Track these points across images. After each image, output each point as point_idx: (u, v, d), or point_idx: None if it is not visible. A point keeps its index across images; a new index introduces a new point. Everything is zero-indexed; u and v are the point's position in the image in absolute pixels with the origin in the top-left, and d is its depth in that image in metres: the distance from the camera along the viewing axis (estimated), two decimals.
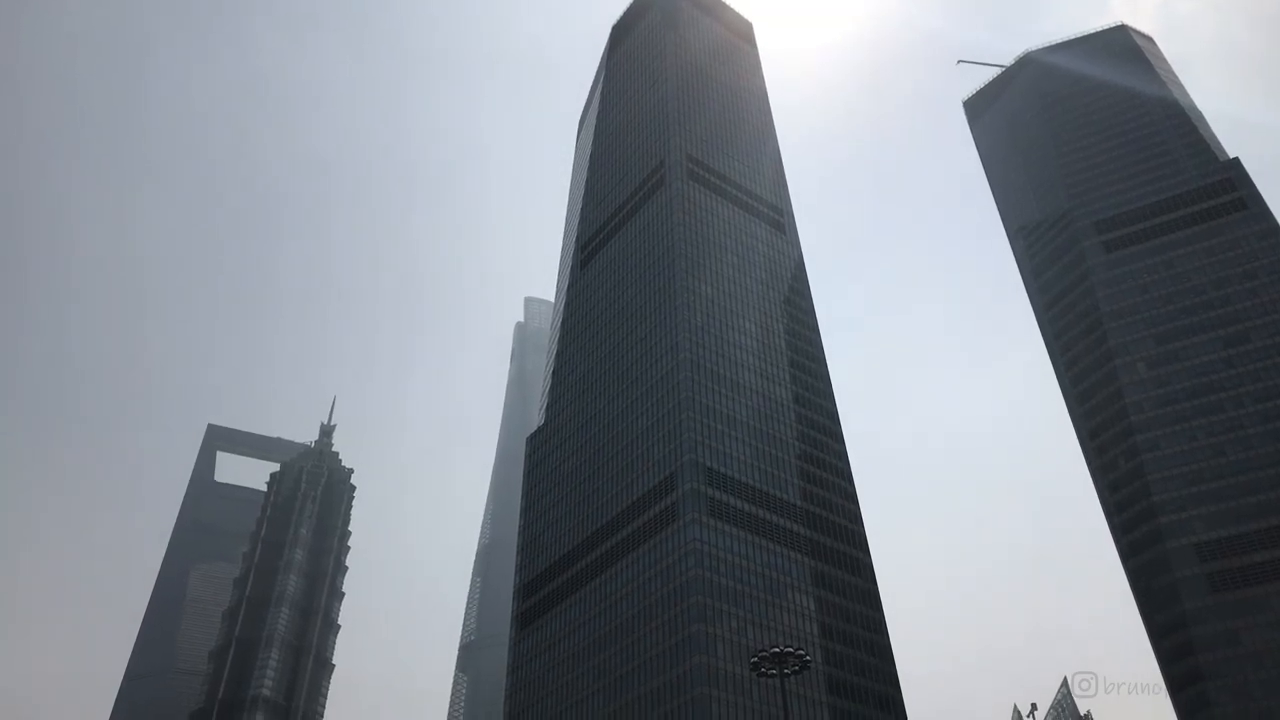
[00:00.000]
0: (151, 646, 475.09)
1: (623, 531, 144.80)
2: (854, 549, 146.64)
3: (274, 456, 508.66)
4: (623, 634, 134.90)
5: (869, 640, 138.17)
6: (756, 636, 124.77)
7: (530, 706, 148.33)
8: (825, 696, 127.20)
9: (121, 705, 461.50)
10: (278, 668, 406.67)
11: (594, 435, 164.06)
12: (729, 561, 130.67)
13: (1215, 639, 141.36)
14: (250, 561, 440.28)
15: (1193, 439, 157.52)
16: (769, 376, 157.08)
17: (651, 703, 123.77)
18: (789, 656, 57.31)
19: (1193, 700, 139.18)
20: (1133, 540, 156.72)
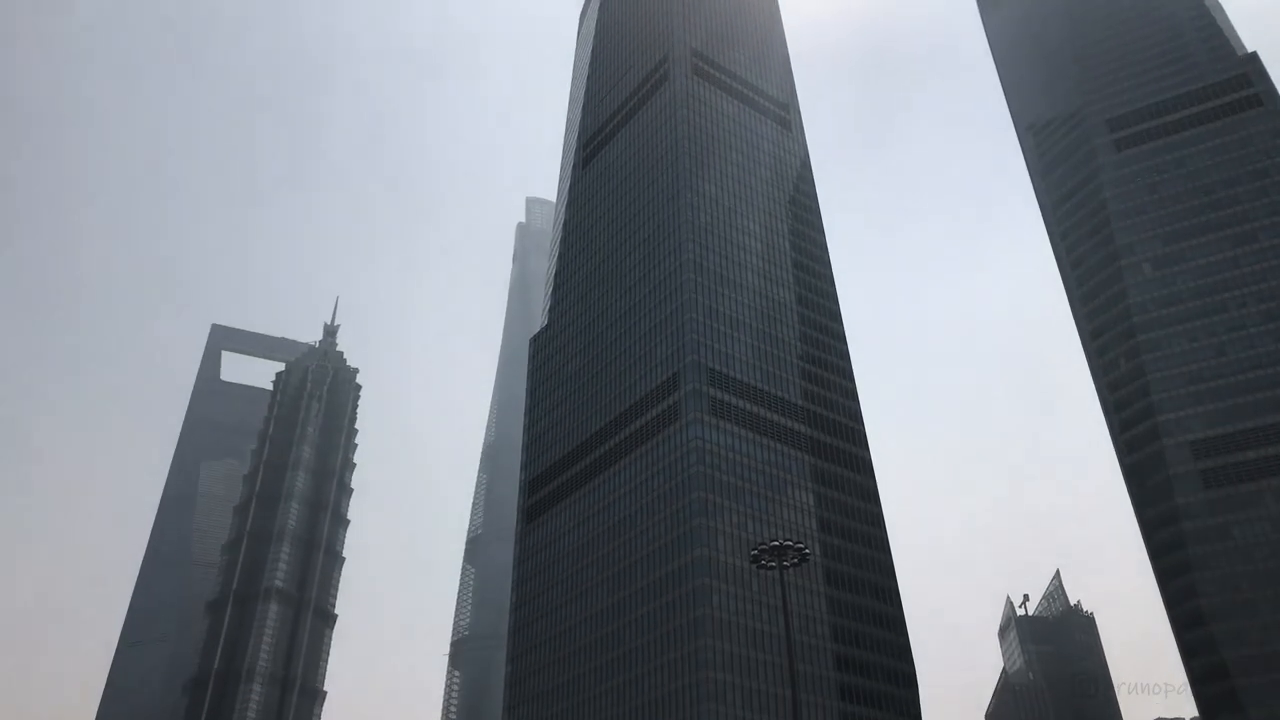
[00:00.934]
0: (166, 540, 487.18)
1: (625, 430, 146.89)
2: (854, 446, 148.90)
3: (279, 356, 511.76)
4: (625, 528, 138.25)
5: (866, 534, 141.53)
6: (756, 530, 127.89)
7: (536, 597, 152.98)
8: (823, 587, 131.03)
9: (139, 595, 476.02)
10: (289, 560, 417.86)
11: (597, 336, 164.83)
12: (730, 459, 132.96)
13: (1206, 533, 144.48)
14: (259, 459, 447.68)
15: (1194, 339, 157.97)
16: (772, 277, 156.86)
17: (654, 593, 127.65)
18: (788, 549, 58.90)
19: (1181, 591, 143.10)
20: (1130, 438, 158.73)
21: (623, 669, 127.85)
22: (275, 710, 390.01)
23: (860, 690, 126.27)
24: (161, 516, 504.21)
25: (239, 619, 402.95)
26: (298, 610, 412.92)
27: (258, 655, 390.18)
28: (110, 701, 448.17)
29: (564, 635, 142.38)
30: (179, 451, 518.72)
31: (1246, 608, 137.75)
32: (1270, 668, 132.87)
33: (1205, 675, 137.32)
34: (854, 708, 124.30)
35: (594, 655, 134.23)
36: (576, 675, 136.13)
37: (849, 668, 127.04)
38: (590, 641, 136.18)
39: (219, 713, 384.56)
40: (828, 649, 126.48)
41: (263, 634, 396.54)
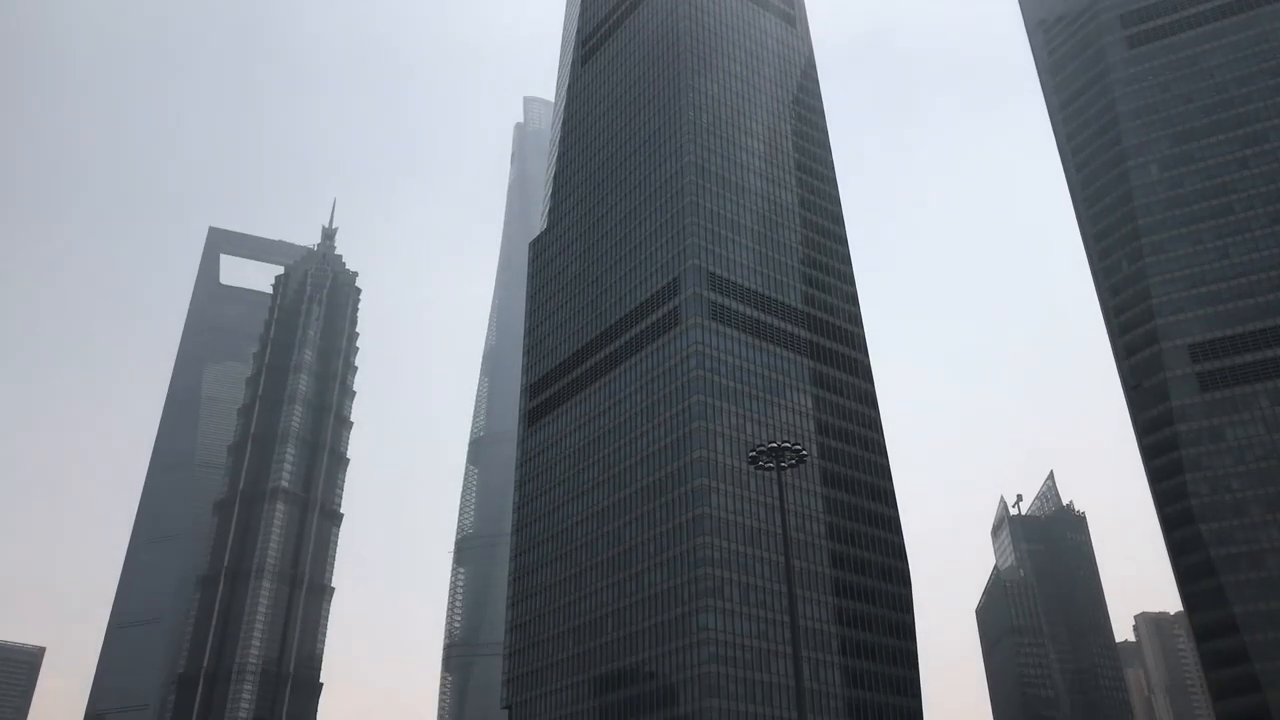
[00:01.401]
0: (172, 441, 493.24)
1: (626, 335, 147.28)
2: (853, 350, 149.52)
3: (277, 259, 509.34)
4: (626, 430, 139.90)
5: (864, 436, 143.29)
6: (754, 433, 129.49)
7: (538, 497, 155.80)
8: (819, 488, 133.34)
9: (148, 495, 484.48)
10: (294, 461, 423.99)
11: (597, 240, 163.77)
12: (729, 363, 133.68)
13: (1199, 435, 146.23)
14: (261, 362, 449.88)
15: (1199, 241, 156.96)
16: (775, 180, 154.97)
17: (653, 493, 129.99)
18: (786, 451, 59.71)
19: (1172, 492, 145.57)
20: (1129, 341, 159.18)
21: (623, 565, 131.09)
22: (285, 606, 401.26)
23: (855, 586, 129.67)
24: (166, 419, 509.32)
25: (246, 518, 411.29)
26: (304, 510, 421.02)
27: (266, 553, 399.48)
28: (124, 598, 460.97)
29: (566, 533, 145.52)
30: (181, 355, 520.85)
31: (1236, 507, 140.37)
32: (1255, 565, 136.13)
33: (1191, 573, 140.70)
34: (848, 603, 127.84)
35: (596, 552, 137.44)
36: (579, 571, 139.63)
37: (844, 565, 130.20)
38: (592, 539, 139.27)
39: (231, 608, 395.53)
40: (823, 546, 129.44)
41: (270, 533, 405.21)
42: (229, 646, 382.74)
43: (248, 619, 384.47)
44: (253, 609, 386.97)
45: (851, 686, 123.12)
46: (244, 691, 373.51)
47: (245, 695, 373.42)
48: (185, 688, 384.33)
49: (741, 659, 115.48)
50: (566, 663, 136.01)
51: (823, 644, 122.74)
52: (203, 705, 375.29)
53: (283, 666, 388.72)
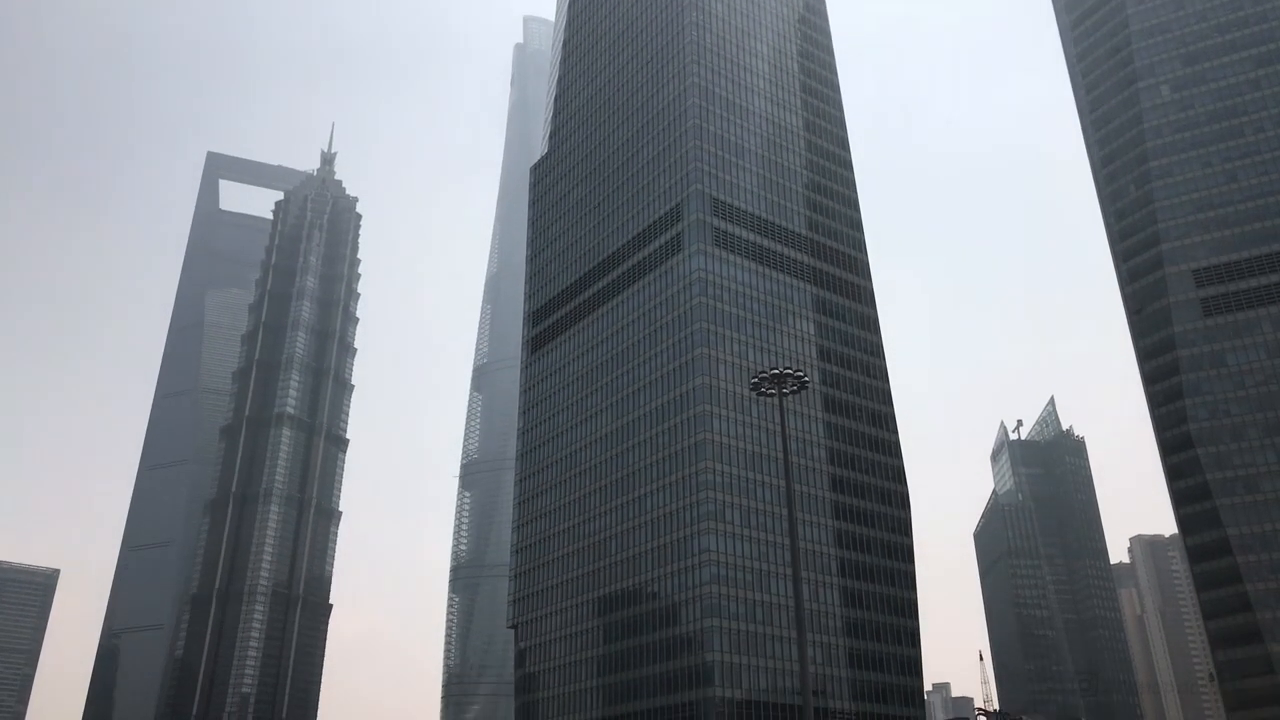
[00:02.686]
0: (177, 368, 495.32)
1: (629, 261, 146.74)
2: (856, 276, 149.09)
3: (277, 185, 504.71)
4: (629, 357, 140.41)
5: (865, 362, 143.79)
6: (757, 359, 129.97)
7: (542, 423, 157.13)
8: (821, 413, 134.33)
9: (155, 421, 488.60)
10: (299, 387, 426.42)
11: (599, 165, 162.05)
12: (732, 290, 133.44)
13: (1200, 360, 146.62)
14: (263, 288, 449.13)
15: (1207, 164, 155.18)
16: (780, 102, 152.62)
17: (656, 418, 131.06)
18: (787, 377, 60.05)
19: (1171, 416, 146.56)
20: (1133, 267, 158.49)
21: (627, 489, 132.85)
22: (293, 529, 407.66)
23: (854, 510, 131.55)
24: (170, 346, 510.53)
25: (253, 443, 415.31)
26: (310, 435, 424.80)
27: (274, 477, 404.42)
28: (136, 521, 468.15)
29: (570, 458, 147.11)
30: (183, 282, 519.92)
31: (1234, 432, 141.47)
32: (1250, 489, 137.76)
33: (1187, 496, 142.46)
34: (848, 526, 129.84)
35: (599, 476, 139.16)
36: (582, 495, 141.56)
37: (844, 489, 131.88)
38: (595, 464, 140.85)
39: (240, 531, 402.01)
40: (824, 471, 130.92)
41: (277, 457, 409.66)
42: (239, 568, 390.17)
43: (257, 542, 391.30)
44: (262, 532, 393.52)
45: (850, 607, 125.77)
46: (255, 612, 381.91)
47: (257, 616, 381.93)
48: (198, 608, 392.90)
49: (742, 580, 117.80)
50: (571, 583, 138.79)
51: (822, 566, 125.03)
52: (216, 625, 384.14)
53: (293, 588, 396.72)
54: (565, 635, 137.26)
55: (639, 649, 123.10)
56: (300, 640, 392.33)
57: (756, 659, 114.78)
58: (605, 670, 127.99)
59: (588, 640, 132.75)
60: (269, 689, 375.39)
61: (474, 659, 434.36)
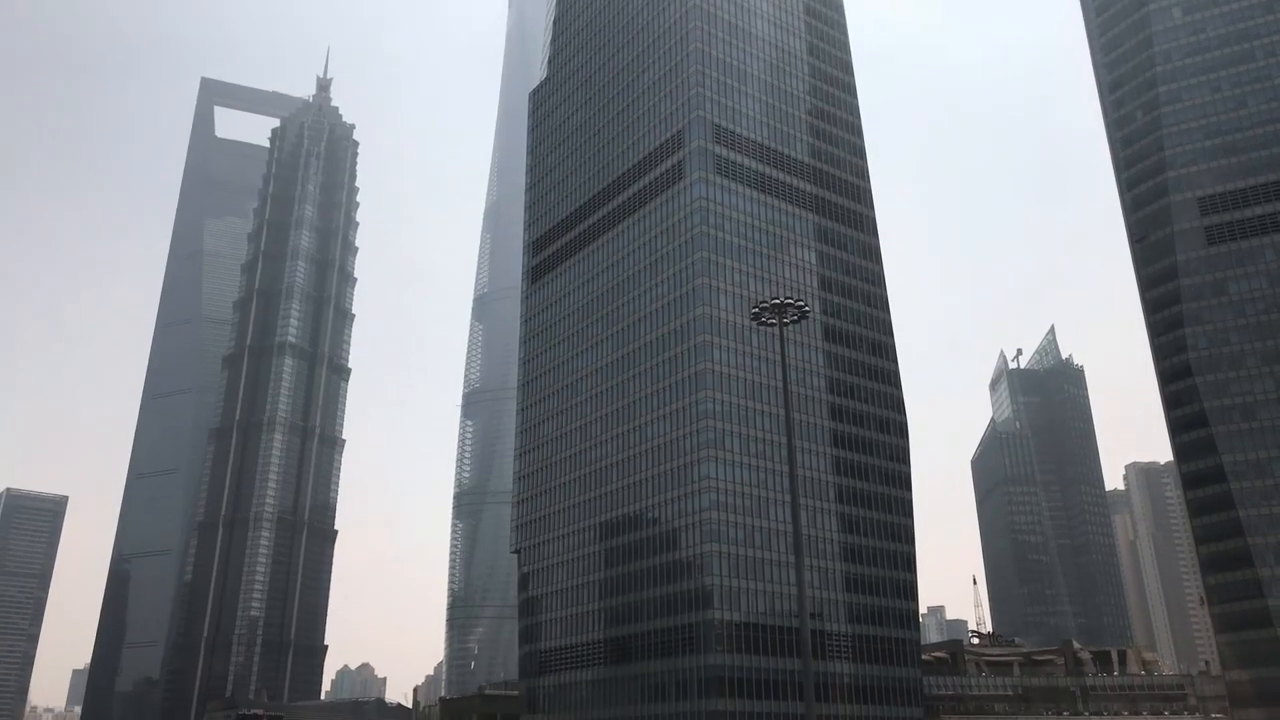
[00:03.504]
0: (177, 297, 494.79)
1: (629, 190, 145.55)
2: (859, 204, 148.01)
3: (273, 112, 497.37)
4: (630, 287, 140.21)
5: (867, 291, 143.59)
6: (758, 288, 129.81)
7: (543, 352, 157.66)
8: (821, 343, 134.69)
9: (157, 349, 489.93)
10: (300, 316, 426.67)
11: (599, 90, 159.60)
12: (734, 218, 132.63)
13: (1202, 289, 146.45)
14: (261, 217, 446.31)
15: (1216, 90, 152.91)
16: (783, 25, 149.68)
17: (657, 349, 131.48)
18: (788, 307, 60.08)
19: (1171, 345, 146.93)
20: (1137, 195, 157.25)
21: (628, 418, 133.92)
22: (297, 457, 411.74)
23: (853, 438, 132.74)
24: (170, 275, 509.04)
25: (255, 372, 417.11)
26: (312, 364, 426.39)
27: (276, 406, 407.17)
28: (141, 449, 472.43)
29: (571, 387, 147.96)
30: (180, 211, 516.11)
31: (1233, 360, 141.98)
32: (1247, 416, 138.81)
33: (1184, 423, 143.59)
34: (846, 454, 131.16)
35: (600, 405, 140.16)
36: (584, 424, 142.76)
37: (843, 417, 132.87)
38: (597, 393, 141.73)
39: (245, 459, 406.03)
40: (823, 400, 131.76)
41: (280, 386, 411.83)
42: (245, 495, 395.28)
43: (261, 469, 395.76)
44: (266, 460, 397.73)
45: (847, 532, 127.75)
46: (262, 538, 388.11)
47: (263, 541, 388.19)
48: (205, 534, 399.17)
49: (741, 506, 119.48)
50: (573, 509, 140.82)
51: (820, 492, 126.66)
52: (223, 550, 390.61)
53: (298, 514, 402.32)
54: (567, 560, 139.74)
55: (640, 573, 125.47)
56: (306, 565, 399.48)
57: (755, 583, 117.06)
58: (606, 594, 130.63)
59: (589, 564, 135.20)
60: (277, 612, 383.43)
61: (478, 583, 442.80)
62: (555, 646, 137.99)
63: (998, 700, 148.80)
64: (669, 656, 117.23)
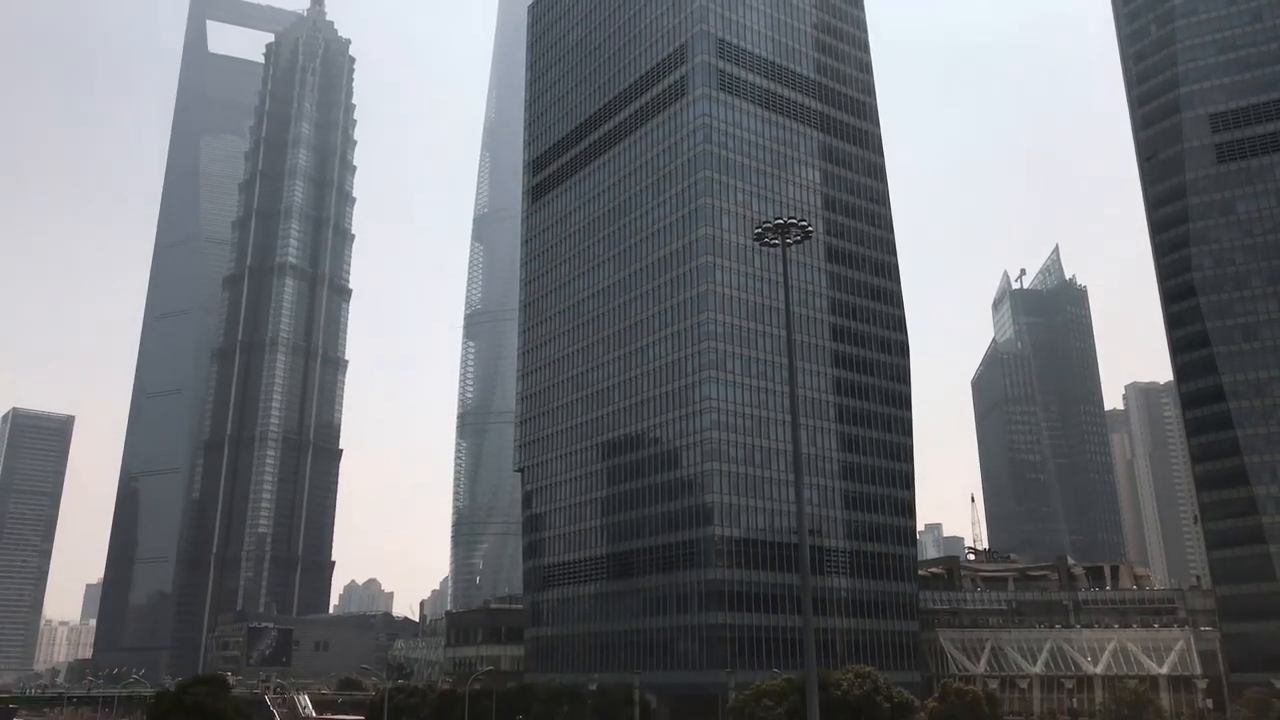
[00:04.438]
0: (175, 217, 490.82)
1: (631, 106, 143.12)
2: (864, 121, 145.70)
3: (266, 26, 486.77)
4: (632, 206, 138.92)
5: (871, 211, 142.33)
6: (761, 208, 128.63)
7: (544, 274, 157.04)
8: (824, 263, 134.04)
9: (157, 270, 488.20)
10: (299, 236, 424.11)
11: (600, 3, 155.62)
12: (737, 136, 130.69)
13: (1210, 208, 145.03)
14: (258, 135, 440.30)
15: (1232, 2, 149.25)
16: None
17: (659, 270, 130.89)
18: (791, 227, 59.61)
19: (1176, 265, 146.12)
20: (1148, 111, 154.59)
21: (630, 340, 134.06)
22: (300, 377, 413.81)
23: (854, 358, 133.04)
24: (168, 195, 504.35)
25: (256, 293, 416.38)
26: (312, 284, 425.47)
27: (279, 326, 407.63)
28: (146, 369, 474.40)
29: (573, 308, 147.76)
30: (176, 129, 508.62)
31: (1237, 280, 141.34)
32: (1249, 336, 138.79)
33: (1185, 344, 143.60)
34: (847, 374, 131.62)
35: (602, 327, 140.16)
36: (586, 345, 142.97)
37: (844, 338, 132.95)
38: (599, 314, 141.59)
39: (248, 379, 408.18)
40: (825, 321, 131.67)
41: (281, 306, 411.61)
42: (249, 415, 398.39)
43: (265, 389, 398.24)
44: (270, 379, 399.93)
45: (847, 451, 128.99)
46: (267, 457, 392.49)
47: (269, 460, 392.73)
48: (212, 453, 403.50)
49: (742, 426, 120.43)
50: (576, 429, 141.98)
51: (821, 412, 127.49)
52: (230, 469, 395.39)
53: (303, 434, 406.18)
54: (570, 478, 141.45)
55: (641, 491, 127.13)
56: (312, 483, 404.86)
57: (755, 500, 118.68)
58: (609, 511, 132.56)
59: (592, 483, 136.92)
60: (284, 529, 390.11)
61: (482, 501, 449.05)
62: (558, 562, 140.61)
63: (992, 614, 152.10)
64: (669, 571, 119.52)
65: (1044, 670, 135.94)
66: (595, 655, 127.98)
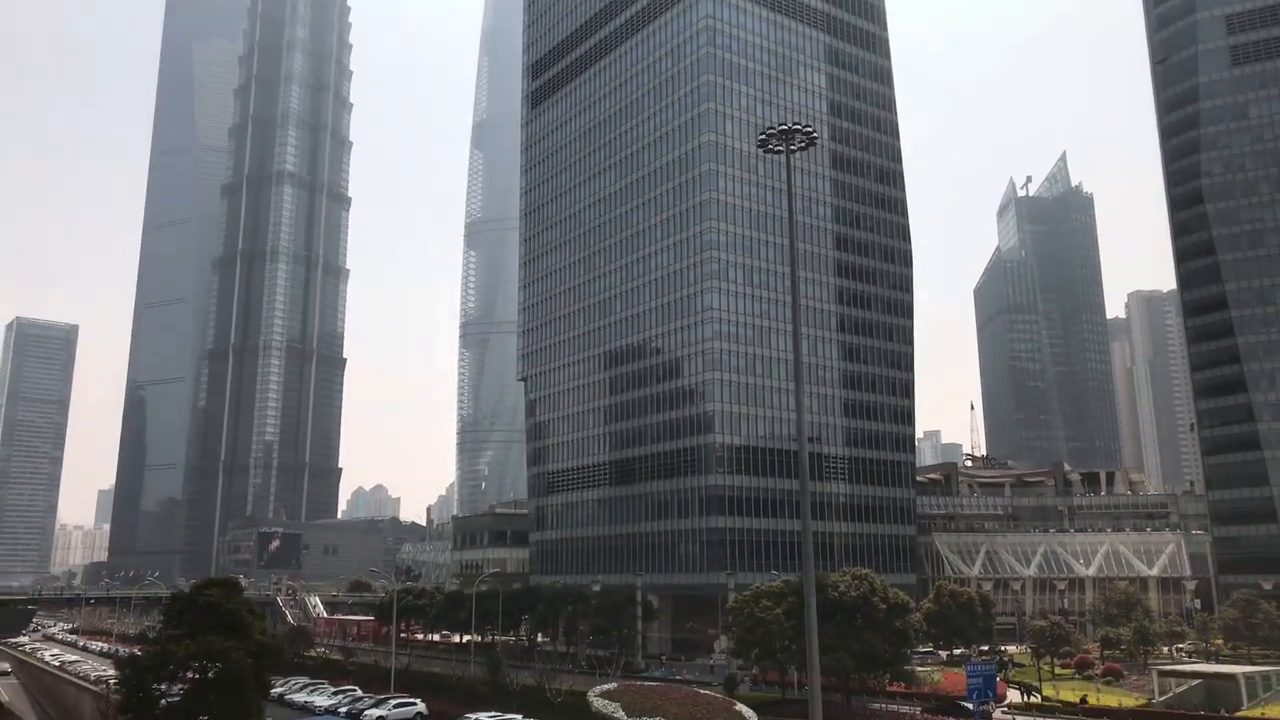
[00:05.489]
0: (170, 125, 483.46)
1: (633, 7, 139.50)
2: (871, 23, 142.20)
3: None
4: (633, 113, 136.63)
5: (876, 117, 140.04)
6: (765, 114, 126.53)
7: (545, 182, 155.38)
8: (828, 170, 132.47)
9: (154, 179, 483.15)
10: (297, 144, 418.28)
11: None
12: (741, 39, 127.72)
13: (1222, 112, 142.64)
14: (251, 40, 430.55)
15: None
16: None
17: (661, 177, 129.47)
18: (796, 133, 58.83)
19: (1184, 171, 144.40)
20: (1164, 11, 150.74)
21: (632, 249, 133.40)
22: (302, 286, 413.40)
23: (857, 267, 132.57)
24: (161, 102, 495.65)
25: (255, 201, 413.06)
26: (311, 193, 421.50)
27: (279, 235, 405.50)
28: (147, 279, 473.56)
29: (574, 217, 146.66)
30: (167, 33, 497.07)
31: (1245, 186, 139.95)
32: (1255, 244, 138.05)
33: (1190, 251, 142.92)
34: (849, 283, 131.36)
35: (604, 236, 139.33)
36: (588, 255, 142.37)
37: (847, 247, 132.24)
38: (600, 224, 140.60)
39: (249, 289, 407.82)
40: (828, 229, 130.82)
41: (280, 215, 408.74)
42: (253, 324, 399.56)
43: (268, 298, 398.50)
44: (271, 289, 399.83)
45: (847, 360, 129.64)
46: (271, 366, 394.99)
47: (273, 369, 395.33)
48: (216, 362, 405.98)
49: (743, 335, 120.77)
50: (578, 339, 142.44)
51: (822, 321, 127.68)
52: (235, 378, 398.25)
53: (306, 343, 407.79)
54: (573, 387, 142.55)
55: (643, 400, 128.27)
56: (317, 392, 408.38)
57: (755, 409, 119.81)
58: (611, 419, 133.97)
59: (594, 392, 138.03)
60: (290, 437, 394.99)
61: (486, 409, 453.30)
62: (562, 468, 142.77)
63: (988, 519, 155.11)
64: (671, 478, 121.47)
65: (1037, 573, 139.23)
66: (598, 558, 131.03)
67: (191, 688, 42.32)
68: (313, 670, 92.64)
